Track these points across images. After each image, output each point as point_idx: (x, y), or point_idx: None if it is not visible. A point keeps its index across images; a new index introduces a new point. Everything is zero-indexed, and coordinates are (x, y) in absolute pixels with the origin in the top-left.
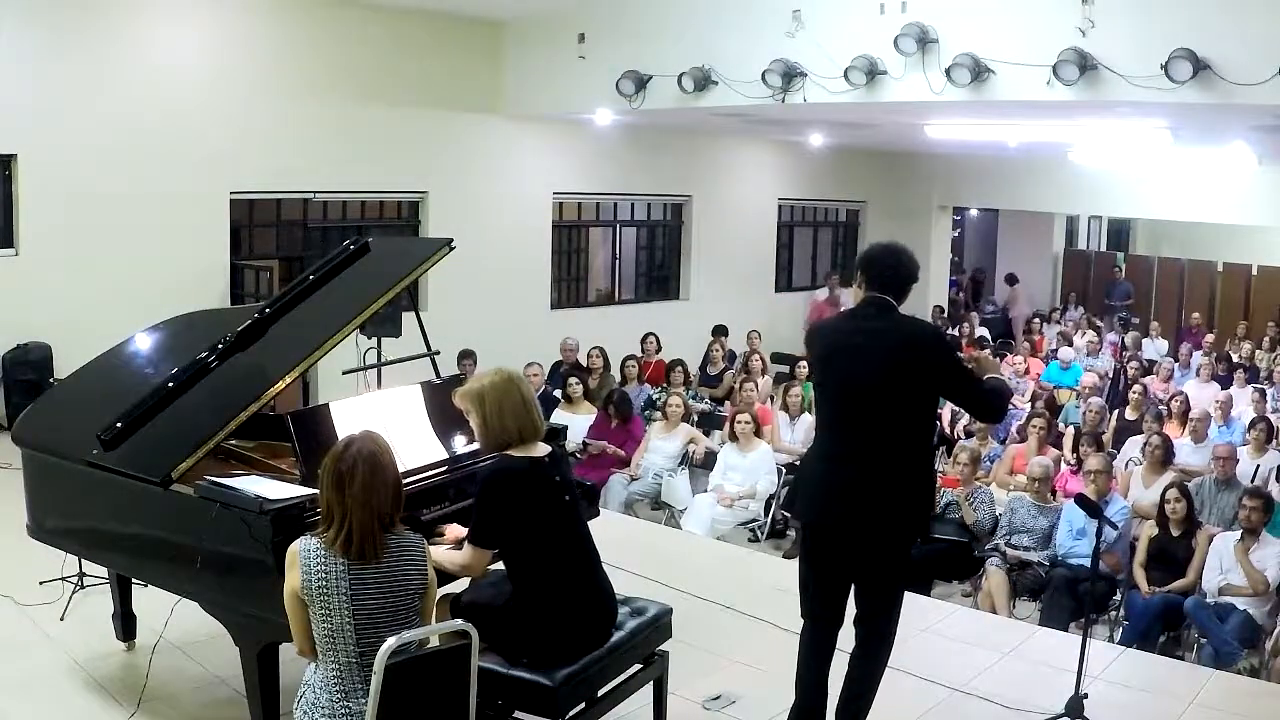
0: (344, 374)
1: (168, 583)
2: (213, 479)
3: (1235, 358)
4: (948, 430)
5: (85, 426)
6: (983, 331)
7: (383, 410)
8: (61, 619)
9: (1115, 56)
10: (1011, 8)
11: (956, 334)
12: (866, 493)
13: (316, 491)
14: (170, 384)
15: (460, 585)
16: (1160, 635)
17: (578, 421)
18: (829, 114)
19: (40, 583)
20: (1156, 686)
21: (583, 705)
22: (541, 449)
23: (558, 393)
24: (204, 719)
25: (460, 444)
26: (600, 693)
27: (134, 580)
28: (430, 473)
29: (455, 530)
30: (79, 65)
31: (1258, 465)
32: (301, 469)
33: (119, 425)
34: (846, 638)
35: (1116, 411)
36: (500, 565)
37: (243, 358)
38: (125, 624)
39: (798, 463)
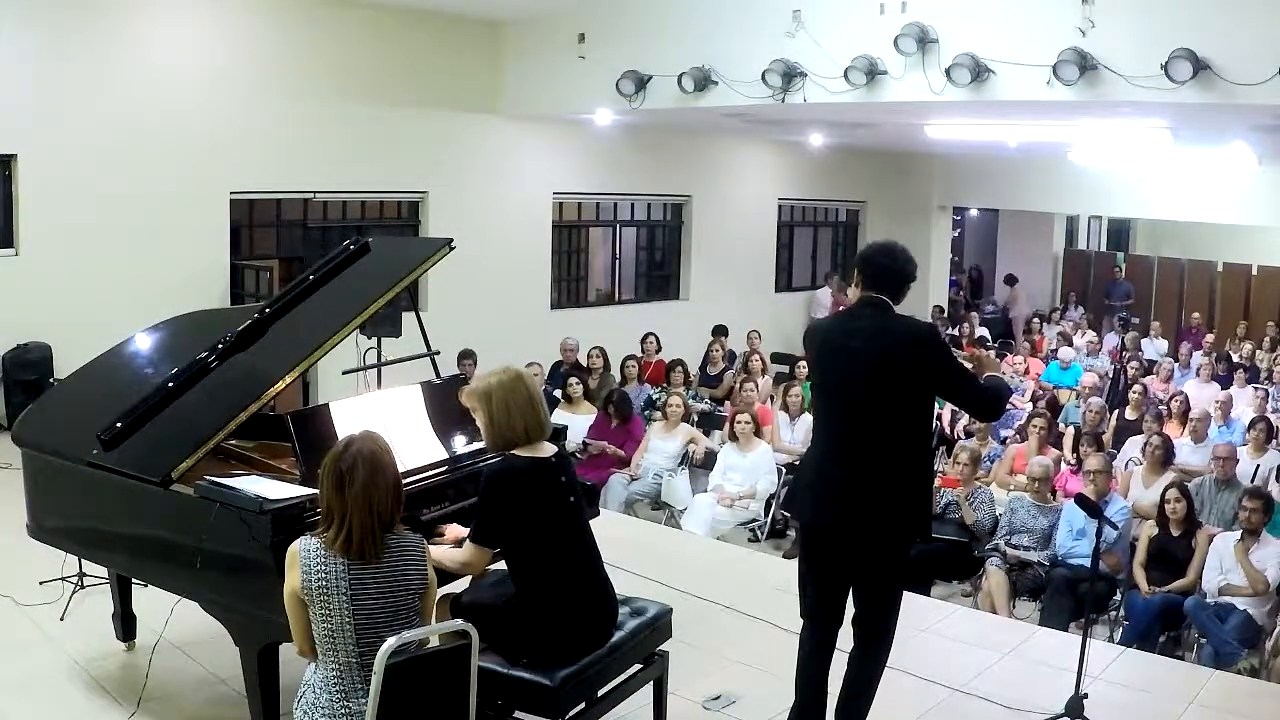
0: (344, 374)
1: (168, 583)
2: (213, 479)
3: (1235, 358)
4: (948, 430)
5: (85, 426)
6: (983, 331)
7: (383, 410)
8: (61, 619)
9: (1115, 56)
10: (1011, 8)
11: (956, 334)
12: (864, 493)
13: (316, 491)
14: (170, 384)
15: (460, 585)
16: (1160, 635)
17: (578, 421)
18: (829, 114)
19: (40, 583)
20: (1156, 686)
21: (583, 705)
22: (547, 449)
23: (558, 393)
24: (204, 719)
25: (460, 444)
26: (600, 693)
27: (134, 580)
28: (430, 473)
29: (455, 530)
30: (79, 65)
31: (1258, 465)
32: (301, 469)
33: (119, 425)
34: (847, 637)
35: (1116, 411)
36: (501, 565)
37: (243, 358)
38: (125, 624)
39: (797, 463)
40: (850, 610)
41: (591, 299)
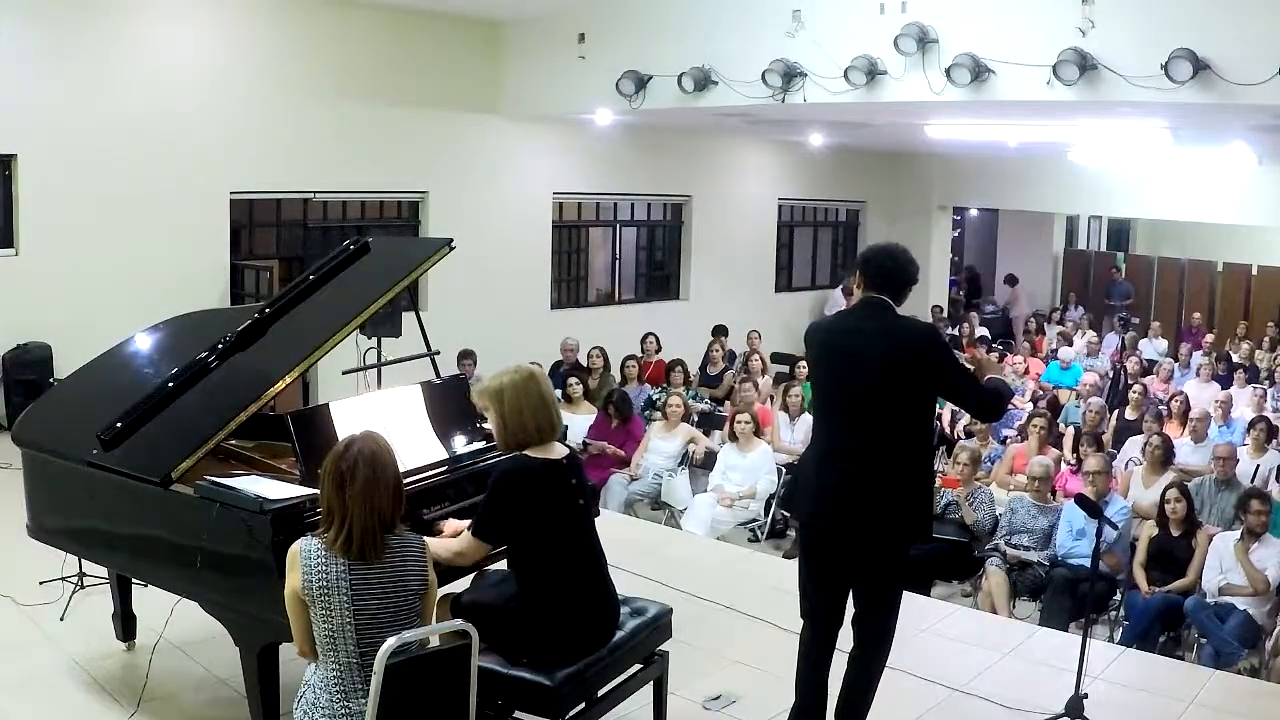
0: (344, 374)
1: (168, 583)
2: (213, 479)
3: (1235, 358)
4: (948, 430)
5: (85, 426)
6: (983, 331)
7: (383, 410)
8: (61, 619)
9: (1115, 56)
10: (1011, 8)
11: (956, 334)
12: (863, 494)
13: (316, 491)
14: (170, 384)
15: (461, 585)
16: (1160, 635)
17: (578, 421)
18: (829, 114)
19: (40, 583)
20: (1156, 686)
21: (583, 705)
22: (559, 450)
23: (558, 393)
24: (204, 719)
25: (460, 444)
26: (600, 693)
27: (134, 580)
28: (430, 473)
29: (454, 525)
30: (79, 65)
31: (1258, 465)
32: (301, 469)
33: (119, 425)
34: (847, 637)
35: (1116, 411)
36: (503, 565)
37: (243, 358)
38: (125, 624)
39: (797, 463)
40: (850, 610)
41: (591, 299)
